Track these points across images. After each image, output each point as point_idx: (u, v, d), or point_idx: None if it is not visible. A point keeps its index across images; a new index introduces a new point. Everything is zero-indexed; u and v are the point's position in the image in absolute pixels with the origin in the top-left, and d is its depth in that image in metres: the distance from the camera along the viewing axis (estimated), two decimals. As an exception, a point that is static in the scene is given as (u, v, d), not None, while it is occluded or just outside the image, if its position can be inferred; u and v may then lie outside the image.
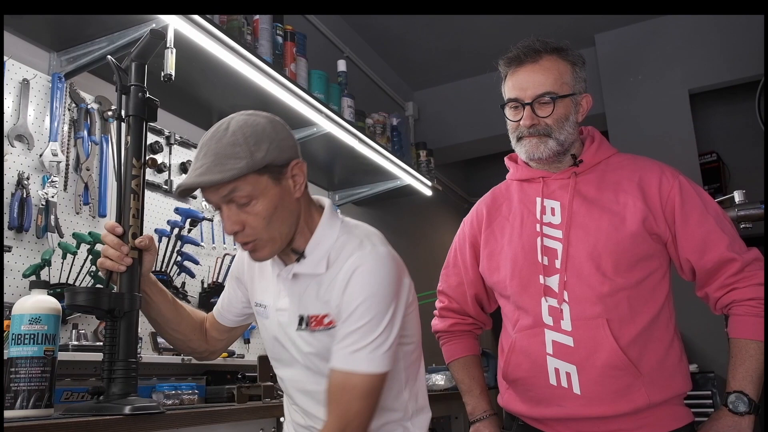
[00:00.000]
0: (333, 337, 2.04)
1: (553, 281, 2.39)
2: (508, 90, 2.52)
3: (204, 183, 1.96)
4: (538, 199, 2.52)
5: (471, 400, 2.74)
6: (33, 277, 3.08)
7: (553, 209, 2.48)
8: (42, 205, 3.23)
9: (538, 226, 2.48)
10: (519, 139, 2.50)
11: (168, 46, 3.20)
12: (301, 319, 2.12)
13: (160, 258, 3.91)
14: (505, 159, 2.74)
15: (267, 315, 2.25)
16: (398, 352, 2.13)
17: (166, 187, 4.08)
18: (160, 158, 4.06)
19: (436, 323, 2.85)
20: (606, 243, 2.35)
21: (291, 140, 2.13)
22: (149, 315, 2.39)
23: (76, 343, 3.11)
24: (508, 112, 2.52)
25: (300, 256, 2.14)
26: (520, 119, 2.46)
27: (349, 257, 2.06)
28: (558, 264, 2.39)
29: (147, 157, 2.36)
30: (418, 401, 2.28)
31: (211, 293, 4.17)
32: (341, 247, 2.12)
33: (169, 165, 4.13)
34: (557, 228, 2.44)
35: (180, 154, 4.26)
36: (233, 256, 4.38)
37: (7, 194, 3.11)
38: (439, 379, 4.58)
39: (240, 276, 2.40)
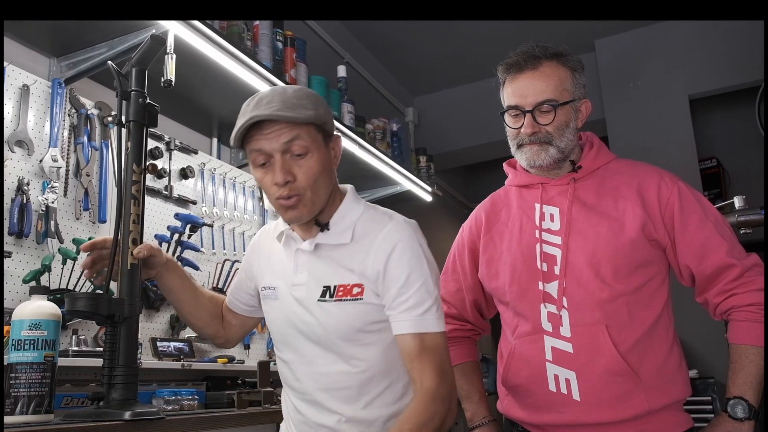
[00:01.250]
0: (357, 309, 2.11)
1: (552, 287, 2.39)
2: (508, 97, 2.50)
3: (281, 117, 2.03)
4: (537, 205, 2.52)
5: (470, 406, 2.74)
6: (33, 283, 3.09)
7: (552, 215, 2.48)
8: (42, 210, 3.24)
9: (537, 232, 2.48)
10: (519, 146, 2.49)
11: (168, 51, 3.21)
12: (326, 289, 2.15)
13: (160, 264, 3.92)
14: (504, 165, 2.74)
15: (277, 296, 2.26)
16: None
17: (166, 192, 4.09)
18: (160, 164, 4.07)
19: (435, 329, 2.85)
20: (605, 249, 2.35)
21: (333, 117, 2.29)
22: (168, 297, 2.48)
23: (76, 348, 3.11)
24: (508, 119, 2.51)
25: (324, 227, 2.19)
26: (521, 127, 2.45)
27: (383, 228, 2.17)
28: (557, 270, 2.39)
29: (147, 163, 2.35)
30: None
31: (211, 299, 4.18)
32: (369, 219, 2.22)
33: (169, 171, 4.14)
34: (556, 234, 2.44)
35: (180, 160, 4.27)
36: (233, 262, 4.40)
37: (7, 200, 3.12)
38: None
39: (251, 261, 2.44)
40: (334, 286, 2.14)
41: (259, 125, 2.06)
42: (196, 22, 3.34)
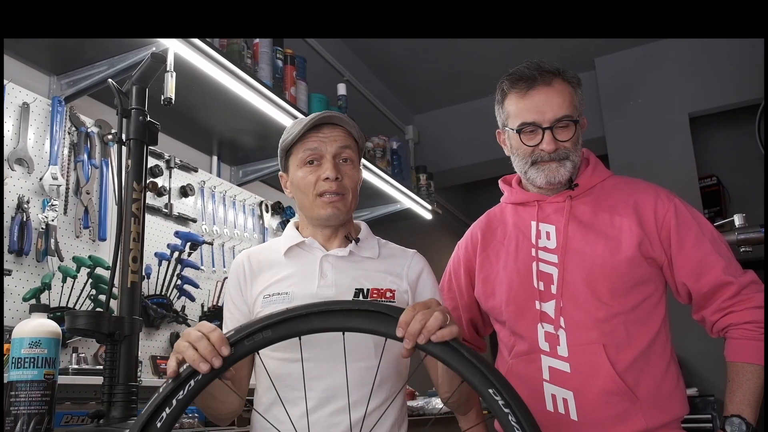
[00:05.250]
0: None
1: (549, 307, 2.39)
2: (520, 112, 2.46)
3: (344, 122, 2.32)
4: (533, 223, 2.53)
5: (467, 425, 2.74)
6: (33, 301, 3.09)
7: (548, 233, 2.48)
8: (42, 228, 3.26)
9: (533, 250, 2.48)
10: (534, 163, 2.48)
11: (168, 69, 3.23)
12: (359, 291, 2.26)
13: (159, 281, 3.94)
14: (499, 182, 2.74)
15: (292, 299, 2.24)
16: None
17: (166, 210, 4.11)
18: (160, 182, 4.09)
19: (431, 348, 2.85)
20: (602, 268, 2.35)
21: None
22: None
23: (76, 366, 3.11)
24: (524, 136, 2.47)
25: (355, 239, 2.38)
26: (536, 144, 2.44)
27: (408, 251, 2.47)
28: (554, 289, 2.39)
29: (147, 181, 2.37)
30: None
31: (211, 317, 4.18)
32: (388, 246, 2.48)
33: (169, 189, 4.16)
34: (552, 252, 2.44)
35: (180, 178, 4.29)
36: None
37: (7, 218, 3.13)
38: (439, 404, 4.59)
39: (240, 284, 2.36)
40: (367, 289, 2.26)
41: (317, 127, 2.30)
42: (196, 40, 3.37)
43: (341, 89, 5.42)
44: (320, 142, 2.28)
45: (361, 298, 2.23)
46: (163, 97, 3.19)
